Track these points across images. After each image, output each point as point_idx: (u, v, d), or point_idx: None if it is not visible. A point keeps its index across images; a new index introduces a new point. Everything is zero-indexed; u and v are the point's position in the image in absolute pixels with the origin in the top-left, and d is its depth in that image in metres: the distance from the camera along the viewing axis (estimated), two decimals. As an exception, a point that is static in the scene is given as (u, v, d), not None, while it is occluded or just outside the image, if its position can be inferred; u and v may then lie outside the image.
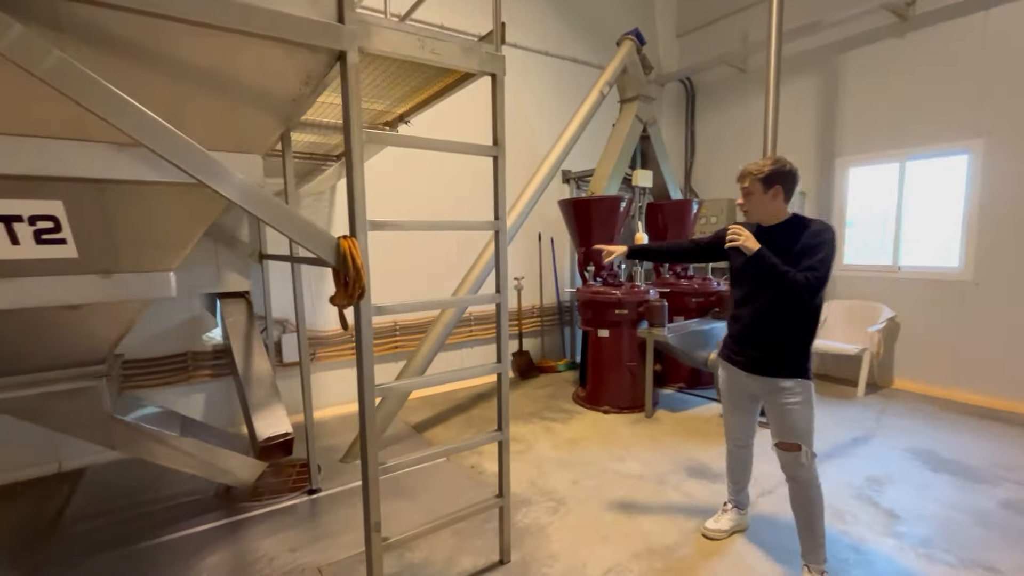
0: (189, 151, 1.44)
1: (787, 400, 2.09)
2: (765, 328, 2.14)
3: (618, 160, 4.68)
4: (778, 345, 2.12)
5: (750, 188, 2.11)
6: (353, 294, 1.72)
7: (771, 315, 2.12)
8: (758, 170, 2.08)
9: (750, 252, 2.02)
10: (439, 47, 1.94)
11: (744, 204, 2.17)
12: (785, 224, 2.11)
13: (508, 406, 2.33)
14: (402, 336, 4.79)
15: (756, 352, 2.17)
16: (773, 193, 2.08)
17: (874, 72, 4.96)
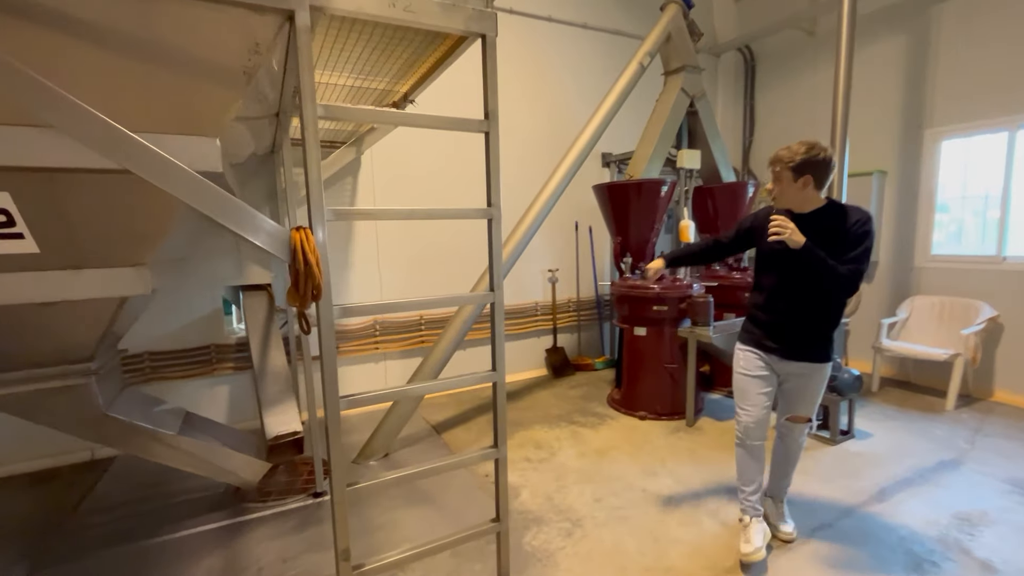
0: (100, 128, 1.26)
1: (817, 381, 2.25)
2: (806, 317, 2.17)
3: (660, 139, 4.21)
4: (818, 332, 2.19)
5: (780, 175, 2.08)
6: (307, 294, 1.49)
7: (812, 305, 2.14)
8: (789, 158, 2.03)
9: (797, 246, 1.97)
10: (414, 4, 1.65)
11: (773, 190, 2.14)
12: (821, 212, 2.09)
13: (505, 419, 2.05)
14: (427, 330, 4.61)
15: (797, 339, 2.20)
16: (803, 183, 2.04)
17: (979, 22, 4.15)
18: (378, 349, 4.44)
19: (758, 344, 2.29)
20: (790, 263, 2.08)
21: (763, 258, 2.26)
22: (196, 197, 1.40)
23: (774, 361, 2.25)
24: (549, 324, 5.26)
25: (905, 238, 4.74)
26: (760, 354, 2.28)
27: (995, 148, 4.19)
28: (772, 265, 2.21)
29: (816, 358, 2.20)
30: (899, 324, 4.54)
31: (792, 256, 2.02)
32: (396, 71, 2.42)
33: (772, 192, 2.14)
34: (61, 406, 2.22)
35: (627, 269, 4.21)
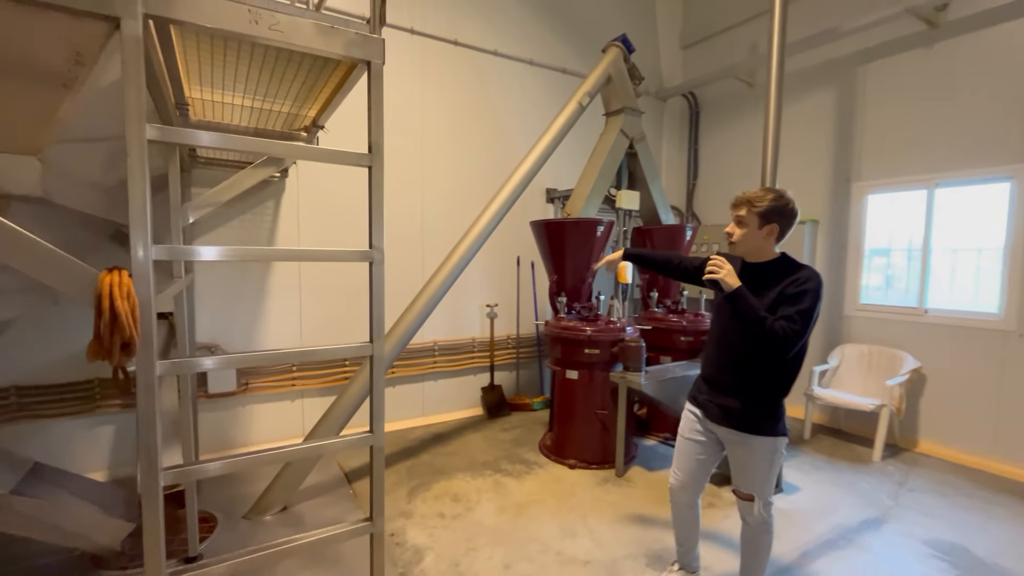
0: None
1: (755, 458, 1.98)
2: (740, 375, 1.97)
3: (598, 179, 4.17)
4: (753, 397, 1.96)
5: (745, 219, 1.94)
6: (111, 348, 1.24)
7: (747, 361, 1.95)
8: (759, 200, 1.90)
9: (729, 289, 1.87)
10: (283, 23, 1.47)
11: (733, 234, 1.99)
12: (771, 264, 1.96)
13: (382, 491, 1.80)
14: (352, 366, 4.31)
15: (729, 401, 1.99)
16: (768, 231, 1.92)
17: (899, 86, 4.35)
18: (295, 386, 4.10)
19: (695, 400, 2.14)
20: (727, 310, 1.95)
21: (714, 304, 2.15)
22: (-31, 229, 1.14)
23: (708, 424, 2.08)
24: (486, 361, 5.05)
25: (836, 286, 4.82)
26: (697, 414, 2.12)
27: (916, 204, 4.34)
28: (718, 312, 2.08)
29: (748, 427, 1.96)
30: (830, 372, 4.56)
31: (730, 302, 1.91)
32: (296, 95, 2.23)
33: (732, 237, 1.99)
34: None
35: (562, 308, 4.08)
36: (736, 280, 1.87)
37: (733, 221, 2.00)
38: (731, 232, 2.00)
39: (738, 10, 5.65)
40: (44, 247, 1.22)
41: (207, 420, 3.79)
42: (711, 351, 2.10)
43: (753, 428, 1.95)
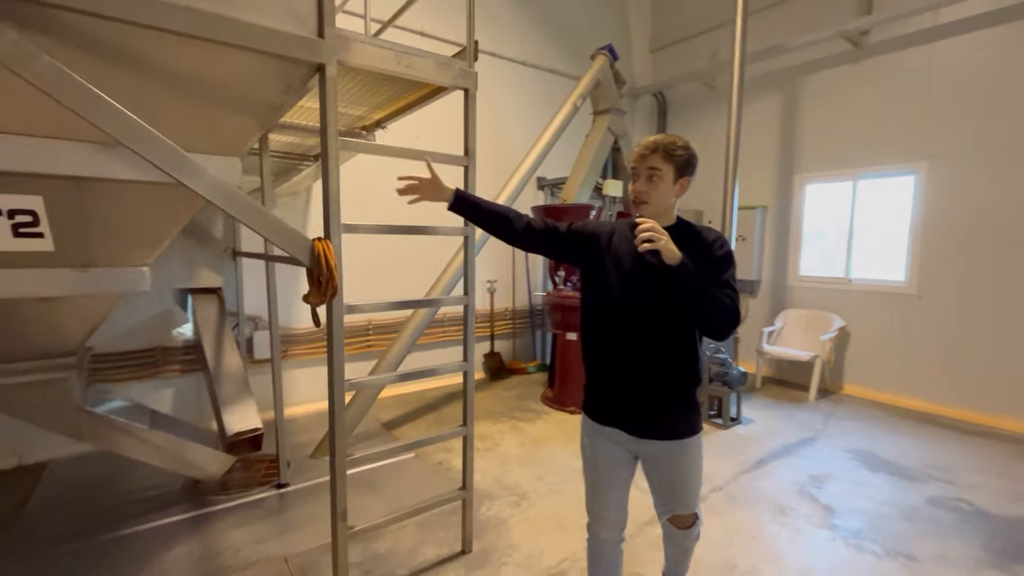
0: (168, 152, 1.53)
1: (685, 462, 1.63)
2: (663, 369, 1.57)
3: (589, 170, 4.86)
4: (679, 394, 1.60)
5: (659, 170, 1.52)
6: (326, 293, 1.82)
7: (671, 350, 1.57)
8: (674, 147, 1.53)
9: (674, 262, 1.40)
10: (415, 62, 2.05)
11: (645, 192, 1.55)
12: (674, 230, 1.53)
13: (473, 403, 2.44)
14: (375, 335, 4.86)
15: (650, 406, 1.59)
16: (681, 186, 1.57)
17: (831, 95, 5.26)
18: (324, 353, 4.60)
19: (599, 417, 1.68)
20: (648, 290, 1.53)
21: (602, 286, 1.63)
22: (239, 209, 1.69)
23: (624, 441, 1.64)
24: (487, 331, 5.70)
25: (781, 261, 5.76)
26: (603, 430, 1.67)
27: (843, 193, 5.30)
28: (616, 296, 1.58)
29: (682, 430, 1.60)
30: (775, 332, 5.51)
31: (652, 281, 1.51)
32: (376, 103, 2.77)
33: (644, 195, 1.55)
34: (38, 400, 2.29)
35: (560, 281, 4.77)
36: (676, 249, 1.41)
37: (642, 176, 1.55)
38: (642, 191, 1.55)
39: (699, 21, 6.44)
40: (280, 221, 1.77)
41: (254, 383, 4.25)
42: (612, 346, 1.61)
43: (687, 430, 1.61)
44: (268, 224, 1.75)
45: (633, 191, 1.60)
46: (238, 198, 1.68)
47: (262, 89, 1.81)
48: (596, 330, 1.67)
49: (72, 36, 1.47)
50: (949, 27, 4.43)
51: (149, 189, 1.88)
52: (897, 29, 4.74)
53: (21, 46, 1.30)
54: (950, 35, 4.43)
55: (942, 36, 4.47)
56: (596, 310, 1.68)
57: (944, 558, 2.47)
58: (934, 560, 2.46)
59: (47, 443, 3.47)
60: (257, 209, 1.72)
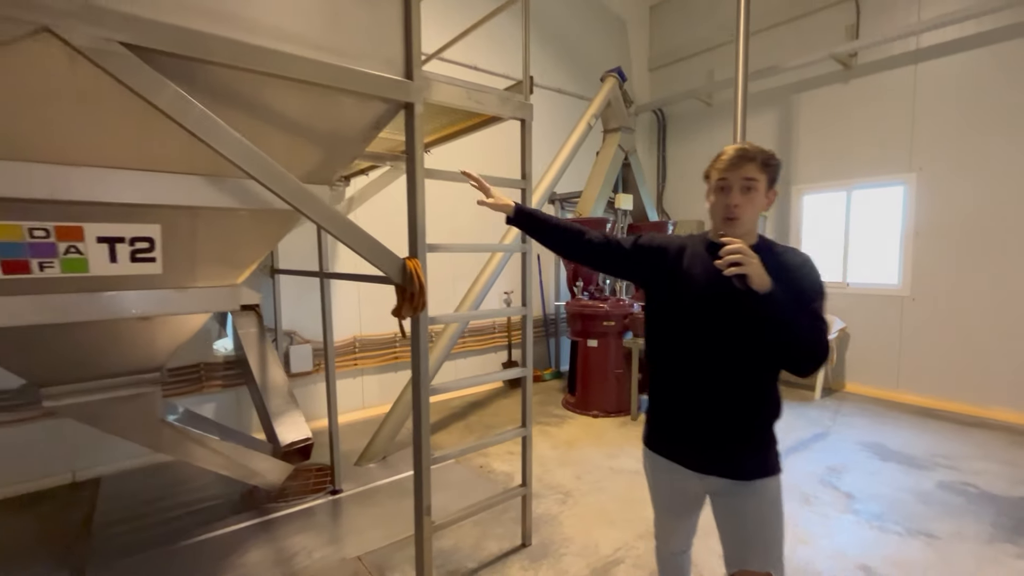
0: (290, 184, 1.73)
1: (757, 507, 1.44)
2: (736, 405, 1.43)
3: (603, 185, 5.13)
4: (752, 431, 1.45)
5: (757, 181, 1.37)
6: (418, 307, 2.01)
7: (748, 385, 1.43)
8: (773, 157, 1.39)
9: (764, 289, 1.25)
10: (482, 97, 2.29)
11: (740, 206, 1.37)
12: (756, 249, 1.32)
13: (531, 405, 2.64)
14: (401, 347, 5.03)
15: (716, 439, 1.45)
16: (770, 197, 1.43)
17: (824, 111, 5.63)
18: (356, 365, 4.77)
19: (662, 450, 1.57)
20: (723, 316, 1.39)
21: (669, 308, 1.51)
22: (343, 232, 1.89)
23: (689, 477, 1.51)
24: (504, 341, 5.89)
25: (781, 268, 6.07)
26: (667, 464, 1.56)
27: (838, 203, 5.64)
28: (685, 320, 1.46)
29: (752, 473, 1.43)
30: (780, 335, 5.80)
31: (728, 306, 1.37)
32: (429, 130, 2.99)
33: (739, 208, 1.37)
34: (127, 413, 2.43)
35: (579, 292, 5.00)
36: (767, 274, 1.26)
37: (735, 188, 1.38)
38: (737, 205, 1.37)
39: (694, 43, 6.82)
40: (375, 241, 1.97)
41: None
42: (679, 374, 1.50)
43: (759, 469, 1.44)
44: (368, 246, 1.95)
45: (724, 206, 1.39)
46: (344, 223, 1.88)
47: (357, 126, 2.02)
48: (661, 355, 1.55)
49: (209, 87, 1.67)
50: (931, 50, 4.81)
51: (250, 215, 2.07)
52: (883, 52, 5.12)
53: (180, 99, 1.50)
54: (933, 57, 4.81)
55: (925, 58, 4.85)
56: (662, 334, 1.55)
57: (960, 535, 2.72)
58: (951, 537, 2.71)
59: (97, 459, 3.58)
60: (360, 232, 1.92)
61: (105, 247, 1.87)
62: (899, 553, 2.58)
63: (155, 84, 1.45)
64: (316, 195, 1.79)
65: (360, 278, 2.33)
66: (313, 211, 1.78)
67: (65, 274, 1.85)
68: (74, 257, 1.84)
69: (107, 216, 1.81)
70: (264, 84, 1.75)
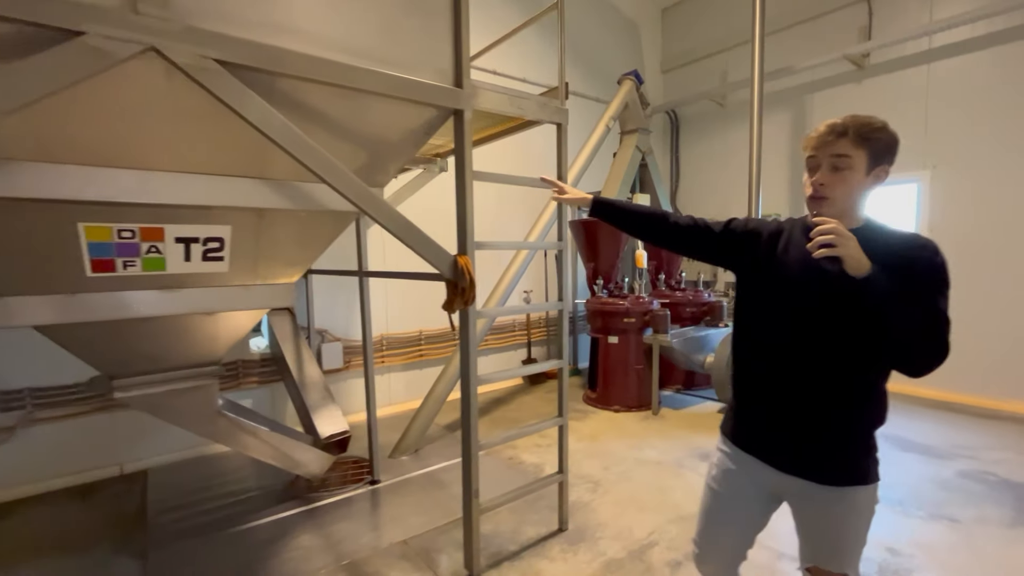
0: (357, 187, 1.86)
1: (844, 515, 1.34)
2: (830, 405, 1.32)
3: (621, 186, 5.24)
4: (848, 433, 1.33)
5: (850, 158, 1.26)
6: (468, 301, 2.14)
7: (846, 385, 1.31)
8: (875, 130, 1.27)
9: (860, 272, 1.15)
10: (522, 103, 2.42)
11: (827, 184, 1.28)
12: (863, 232, 1.24)
13: (567, 395, 2.76)
14: (427, 345, 5.16)
15: (810, 444, 1.35)
16: (876, 174, 1.29)
17: (837, 111, 5.62)
18: (384, 363, 4.91)
19: (743, 443, 1.48)
20: (821, 307, 1.30)
21: (760, 293, 1.45)
22: (401, 229, 2.02)
23: (768, 474, 1.42)
24: (524, 338, 6.02)
25: (796, 265, 6.17)
26: (743, 457, 1.47)
27: (853, 200, 5.72)
28: (778, 310, 1.38)
29: (848, 475, 1.32)
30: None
31: (827, 296, 1.27)
32: (462, 134, 3.12)
33: (824, 188, 1.28)
34: (187, 404, 2.57)
35: (599, 289, 5.12)
36: (865, 257, 1.15)
37: (824, 166, 1.28)
38: (824, 183, 1.28)
39: (705, 46, 6.93)
40: (430, 239, 2.10)
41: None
42: (768, 370, 1.41)
43: (855, 476, 1.32)
44: (424, 244, 2.08)
45: (810, 183, 1.30)
46: (403, 223, 2.02)
47: (410, 133, 2.16)
48: (750, 348, 1.47)
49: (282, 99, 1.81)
50: (944, 49, 4.90)
51: (309, 217, 2.22)
52: (896, 52, 5.21)
53: (264, 110, 1.64)
54: (946, 57, 4.90)
55: (938, 58, 4.94)
56: (753, 321, 1.47)
57: (982, 519, 2.82)
58: (973, 521, 2.81)
59: (143, 452, 3.73)
60: (417, 231, 2.05)
61: (181, 247, 2.02)
62: (923, 536, 2.69)
63: (242, 96, 1.59)
64: (379, 197, 1.93)
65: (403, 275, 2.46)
66: (377, 212, 1.92)
67: (145, 272, 2.00)
68: (154, 256, 1.98)
69: (184, 218, 1.95)
70: (329, 94, 1.89)
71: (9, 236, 1.70)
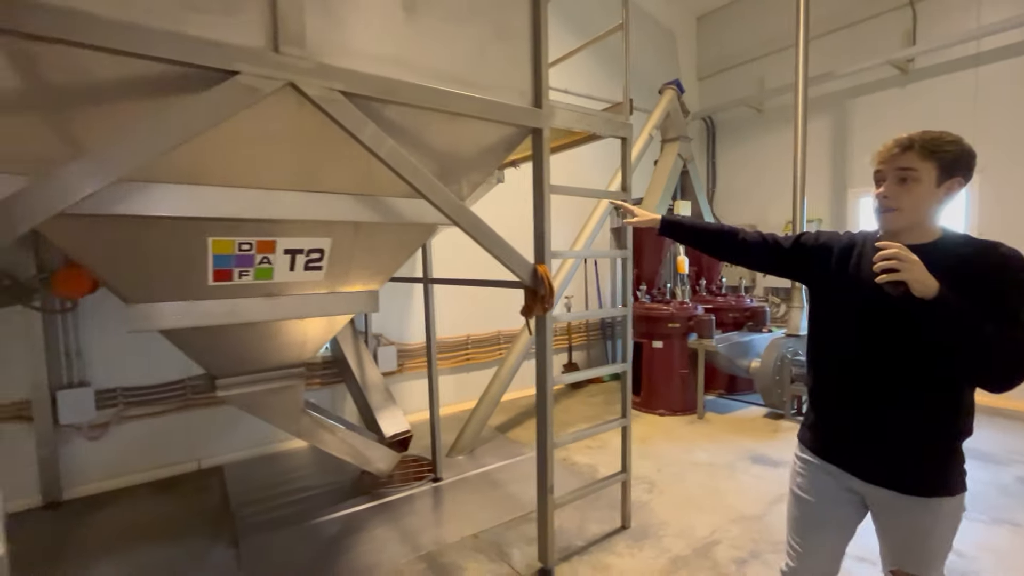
0: (452, 203, 2.03)
1: (931, 526, 1.34)
2: (908, 422, 1.33)
3: (664, 192, 5.33)
4: (931, 445, 1.33)
5: (916, 171, 1.27)
6: (547, 307, 2.29)
7: (924, 401, 1.32)
8: (945, 143, 1.26)
9: (927, 295, 1.15)
10: (591, 120, 2.56)
11: (891, 198, 1.30)
12: (937, 248, 1.28)
13: (630, 398, 2.88)
14: (473, 349, 5.33)
15: (894, 455, 1.36)
16: (947, 188, 1.29)
17: (879, 115, 5.71)
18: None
19: (823, 451, 1.50)
20: (894, 324, 1.31)
21: (833, 307, 1.48)
22: (488, 240, 2.17)
23: (852, 481, 1.44)
24: (565, 343, 6.14)
25: (837, 270, 6.15)
26: (824, 466, 1.49)
27: (897, 205, 5.70)
28: (851, 326, 1.40)
29: (930, 486, 1.32)
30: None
31: (900, 313, 1.26)
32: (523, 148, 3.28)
33: (889, 201, 1.31)
34: (278, 403, 2.77)
35: (642, 295, 5.22)
36: (932, 279, 1.16)
37: (890, 178, 1.30)
38: (890, 195, 1.30)
39: (741, 53, 6.99)
40: (513, 249, 2.25)
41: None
42: (844, 386, 1.43)
43: (939, 486, 1.32)
44: (509, 253, 2.23)
45: (877, 195, 1.32)
46: (491, 234, 2.17)
47: (493, 150, 2.32)
48: (826, 360, 1.49)
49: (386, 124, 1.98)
50: (994, 53, 4.88)
51: (399, 229, 2.39)
52: (942, 56, 5.20)
53: (377, 134, 1.81)
54: (995, 60, 4.87)
55: (987, 61, 4.92)
56: (827, 338, 1.49)
57: (1046, 524, 2.83)
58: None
59: (217, 449, 3.97)
60: (503, 242, 2.21)
61: (288, 257, 2.21)
62: (987, 539, 2.71)
63: (360, 123, 1.77)
64: (470, 211, 2.09)
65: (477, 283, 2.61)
66: (469, 224, 2.08)
67: (256, 281, 2.20)
68: (265, 267, 2.18)
69: (293, 231, 2.14)
70: (425, 117, 2.06)
71: (151, 250, 1.91)
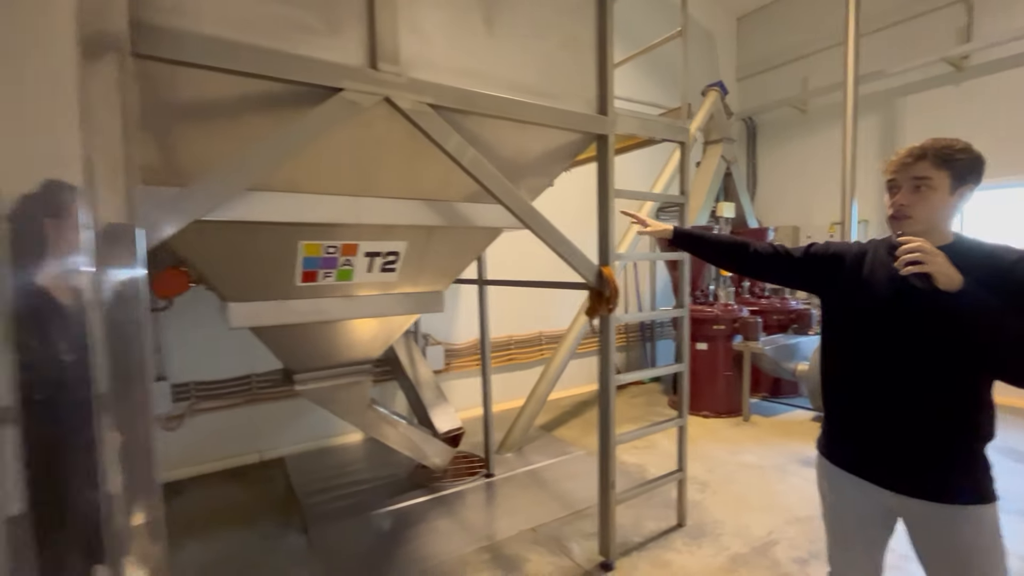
0: (525, 207, 2.12)
1: (966, 537, 1.30)
2: (930, 425, 1.32)
3: (707, 194, 5.33)
4: (956, 450, 1.31)
5: (930, 179, 1.30)
6: (612, 308, 2.36)
7: (945, 402, 1.30)
8: (951, 151, 1.30)
9: (952, 287, 1.17)
10: (651, 126, 2.63)
11: (907, 205, 1.32)
12: (953, 249, 1.27)
13: (687, 398, 2.92)
14: (516, 349, 5.43)
15: (912, 458, 1.35)
16: (960, 194, 1.32)
17: (931, 113, 5.57)
18: (478, 365, 5.19)
19: (845, 463, 1.48)
20: (910, 326, 1.32)
21: (849, 313, 1.48)
22: (557, 243, 2.26)
23: (876, 494, 1.42)
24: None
25: (886, 272, 6.02)
26: (848, 478, 1.47)
27: (950, 205, 5.55)
28: (866, 331, 1.41)
29: (958, 492, 1.29)
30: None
31: (917, 314, 1.29)
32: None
33: (905, 209, 1.32)
34: (348, 397, 2.92)
35: (685, 297, 5.22)
36: (956, 271, 1.17)
37: (904, 187, 1.33)
38: (905, 204, 1.32)
39: (782, 53, 6.91)
40: (580, 252, 2.33)
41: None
42: (862, 391, 1.42)
43: (968, 492, 1.30)
44: (576, 256, 2.31)
45: (892, 204, 1.34)
46: (559, 237, 2.26)
47: (561, 156, 2.41)
48: (839, 368, 1.50)
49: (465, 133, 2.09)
50: (1056, 48, 4.72)
51: (467, 232, 2.50)
52: (998, 52, 5.05)
53: (461, 144, 1.92)
54: (1058, 55, 4.71)
55: (1050, 57, 4.76)
56: (844, 342, 1.48)
57: (1120, 533, 2.75)
58: (1112, 535, 2.74)
59: (278, 441, 4.16)
60: (571, 245, 2.29)
61: (367, 260, 2.34)
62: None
63: (445, 133, 1.88)
64: (541, 215, 2.18)
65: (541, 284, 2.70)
66: (540, 228, 2.17)
67: (337, 282, 2.34)
68: (346, 268, 2.32)
69: (373, 235, 2.28)
70: (498, 125, 2.16)
71: (252, 252, 2.07)
